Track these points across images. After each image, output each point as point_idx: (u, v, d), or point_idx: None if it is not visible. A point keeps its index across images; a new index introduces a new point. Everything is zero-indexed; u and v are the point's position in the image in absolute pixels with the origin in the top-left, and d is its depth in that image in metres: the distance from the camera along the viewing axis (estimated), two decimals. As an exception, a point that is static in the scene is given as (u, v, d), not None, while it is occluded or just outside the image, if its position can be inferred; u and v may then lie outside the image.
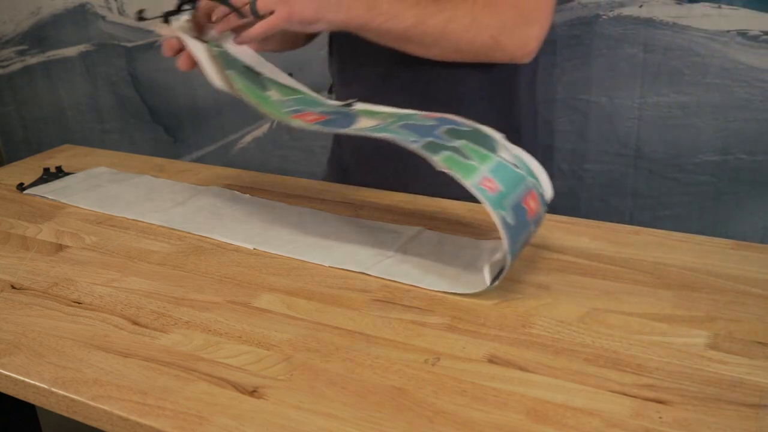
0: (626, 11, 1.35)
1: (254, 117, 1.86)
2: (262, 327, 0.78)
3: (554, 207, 1.54)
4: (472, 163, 0.77)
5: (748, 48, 1.28)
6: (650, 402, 0.64)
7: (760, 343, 0.71)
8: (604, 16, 1.37)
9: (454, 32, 0.97)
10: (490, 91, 1.10)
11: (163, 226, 1.04)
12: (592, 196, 1.51)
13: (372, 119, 0.88)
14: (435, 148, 0.78)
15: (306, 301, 0.83)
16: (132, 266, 0.94)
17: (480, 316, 0.78)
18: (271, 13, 0.93)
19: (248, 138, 1.91)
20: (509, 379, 0.68)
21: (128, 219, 1.07)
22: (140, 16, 1.04)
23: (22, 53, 2.21)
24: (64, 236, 1.03)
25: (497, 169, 0.78)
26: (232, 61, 0.98)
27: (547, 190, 0.86)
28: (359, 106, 0.94)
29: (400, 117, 0.87)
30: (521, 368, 0.69)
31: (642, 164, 1.44)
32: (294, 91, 0.99)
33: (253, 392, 0.68)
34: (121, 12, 1.95)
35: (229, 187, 1.18)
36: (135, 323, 0.80)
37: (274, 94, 0.97)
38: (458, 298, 0.82)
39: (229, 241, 0.98)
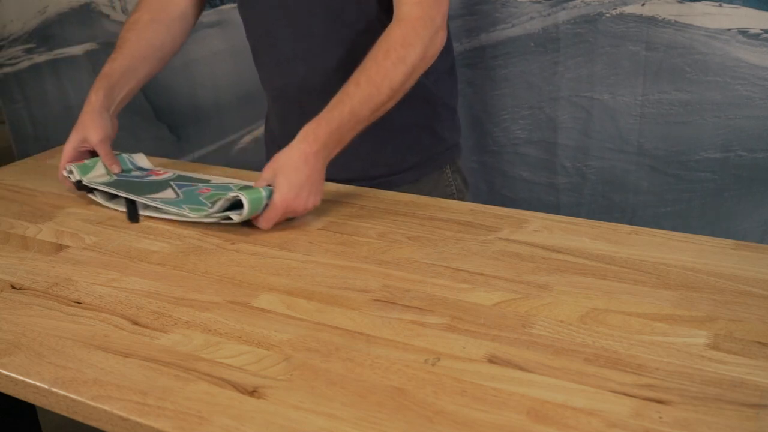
0: (628, 9, 1.35)
1: (253, 117, 1.86)
2: (262, 327, 0.78)
3: (557, 204, 1.55)
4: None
5: (748, 46, 1.28)
6: (650, 402, 0.64)
7: (760, 343, 0.71)
8: (606, 15, 1.37)
9: (403, 87, 1.03)
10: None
11: (161, 225, 1.04)
12: (594, 192, 1.51)
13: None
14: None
15: (306, 301, 0.83)
16: (132, 266, 0.94)
17: (480, 316, 0.78)
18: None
19: (248, 138, 1.91)
20: (509, 379, 0.68)
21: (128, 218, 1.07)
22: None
23: (29, 51, 2.21)
24: (64, 236, 1.03)
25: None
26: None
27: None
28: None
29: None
30: (521, 368, 0.69)
31: (644, 161, 1.44)
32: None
33: (253, 392, 0.68)
34: (124, 11, 1.95)
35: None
36: (135, 323, 0.80)
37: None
38: (458, 298, 0.82)
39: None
